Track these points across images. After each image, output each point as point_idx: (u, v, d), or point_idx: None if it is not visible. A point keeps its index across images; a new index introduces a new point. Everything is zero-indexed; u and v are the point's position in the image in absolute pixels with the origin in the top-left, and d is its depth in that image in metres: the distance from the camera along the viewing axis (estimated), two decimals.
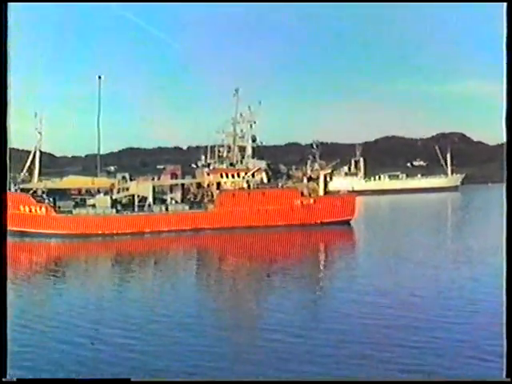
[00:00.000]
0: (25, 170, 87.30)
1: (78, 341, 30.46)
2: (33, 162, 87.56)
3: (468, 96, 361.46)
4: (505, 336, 11.52)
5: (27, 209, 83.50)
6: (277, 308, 37.48)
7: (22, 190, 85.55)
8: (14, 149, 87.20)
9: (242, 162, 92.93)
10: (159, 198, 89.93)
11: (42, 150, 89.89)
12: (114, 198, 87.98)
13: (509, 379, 12.59)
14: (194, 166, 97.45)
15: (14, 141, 74.01)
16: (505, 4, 15.77)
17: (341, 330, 31.48)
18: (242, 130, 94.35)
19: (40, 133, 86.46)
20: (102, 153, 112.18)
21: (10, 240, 59.68)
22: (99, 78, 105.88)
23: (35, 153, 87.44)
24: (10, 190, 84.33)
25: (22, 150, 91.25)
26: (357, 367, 25.39)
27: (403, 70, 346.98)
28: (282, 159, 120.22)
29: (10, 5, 16.83)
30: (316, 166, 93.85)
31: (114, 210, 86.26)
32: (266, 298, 42.26)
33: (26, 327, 32.42)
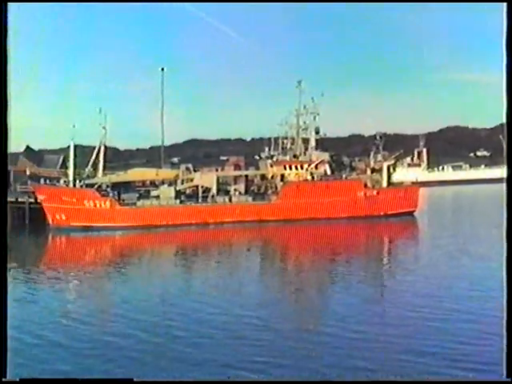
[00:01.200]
0: (89, 166, 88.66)
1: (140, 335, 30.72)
2: (97, 156, 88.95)
3: None
4: (505, 336, 11.60)
5: (92, 203, 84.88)
6: (339, 301, 37.61)
7: (87, 185, 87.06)
8: (79, 145, 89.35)
9: (305, 154, 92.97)
10: (223, 189, 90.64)
11: (107, 144, 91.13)
12: (177, 189, 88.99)
13: (509, 379, 12.71)
14: (257, 157, 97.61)
15: (79, 137, 75.85)
16: (505, 4, 15.73)
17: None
18: (305, 122, 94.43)
19: (104, 128, 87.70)
20: (165, 144, 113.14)
21: (76, 235, 61.13)
22: (162, 70, 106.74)
23: (100, 148, 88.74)
24: (74, 186, 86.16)
25: (88, 146, 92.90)
26: None
27: (464, 59, 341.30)
28: (346, 151, 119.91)
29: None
30: (379, 157, 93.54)
31: (178, 201, 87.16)
32: (328, 292, 42.25)
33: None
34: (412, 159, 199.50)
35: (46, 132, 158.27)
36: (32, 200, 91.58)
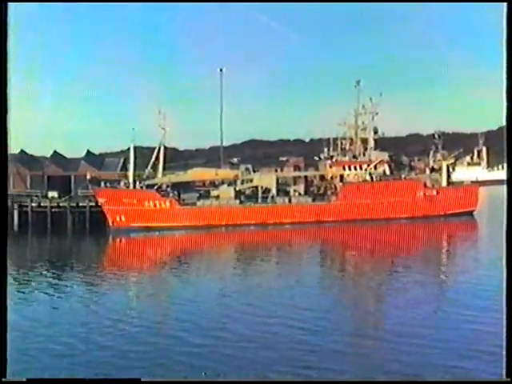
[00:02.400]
0: (149, 167, 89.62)
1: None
2: (157, 157, 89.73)
3: None
4: (505, 336, 11.45)
5: (152, 204, 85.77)
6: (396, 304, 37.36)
7: (148, 186, 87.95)
8: (139, 147, 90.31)
9: (364, 154, 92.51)
10: (282, 190, 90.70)
11: (166, 145, 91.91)
12: (237, 189, 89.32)
13: (509, 379, 12.54)
14: (316, 158, 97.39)
15: (139, 139, 76.56)
16: (505, 4, 15.49)
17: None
18: (363, 122, 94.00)
19: (164, 129, 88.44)
20: (224, 145, 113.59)
21: (136, 235, 61.80)
22: (221, 70, 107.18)
23: (159, 148, 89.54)
24: (135, 187, 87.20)
25: (147, 148, 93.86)
26: None
27: None
28: (404, 150, 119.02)
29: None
30: (438, 156, 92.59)
31: (238, 201, 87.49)
32: (389, 293, 41.95)
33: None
34: (472, 158, 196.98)
35: (106, 135, 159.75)
36: (92, 204, 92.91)
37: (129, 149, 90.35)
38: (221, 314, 34.52)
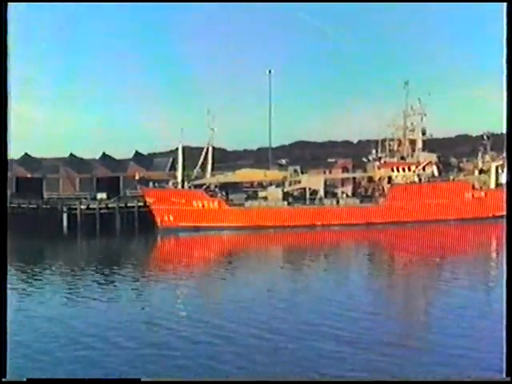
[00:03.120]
0: (198, 167, 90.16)
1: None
2: (206, 157, 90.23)
3: None
4: (505, 336, 11.29)
5: (200, 204, 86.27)
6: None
7: (196, 186, 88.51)
8: (187, 147, 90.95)
9: (412, 156, 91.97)
10: (330, 192, 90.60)
11: (215, 145, 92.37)
12: (285, 190, 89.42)
13: (508, 379, 12.40)
14: (364, 159, 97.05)
15: (188, 139, 77.22)
16: (505, 4, 15.28)
17: None
18: (412, 123, 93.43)
19: (212, 129, 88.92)
20: (272, 146, 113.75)
21: (185, 235, 62.15)
22: (269, 72, 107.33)
23: (208, 149, 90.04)
24: (183, 187, 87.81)
25: (196, 148, 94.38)
26: None
27: None
28: (453, 151, 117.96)
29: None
30: (487, 157, 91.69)
31: (286, 203, 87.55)
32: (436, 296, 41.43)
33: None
34: None
35: (155, 136, 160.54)
36: (141, 204, 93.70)
37: (177, 149, 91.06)
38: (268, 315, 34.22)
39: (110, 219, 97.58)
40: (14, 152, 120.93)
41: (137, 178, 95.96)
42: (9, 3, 13.11)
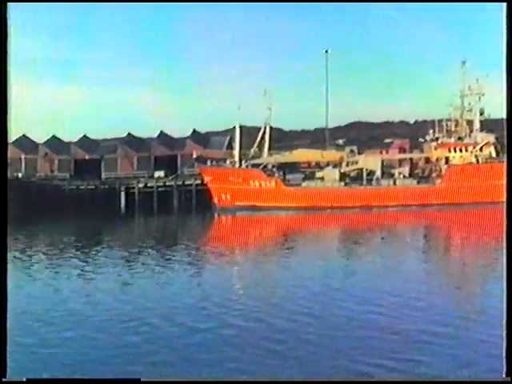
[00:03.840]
0: (255, 146, 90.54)
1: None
2: (263, 137, 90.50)
3: None
4: (505, 336, 11.35)
5: (257, 183, 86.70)
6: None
7: (253, 165, 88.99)
8: (244, 126, 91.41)
9: (470, 136, 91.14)
10: (387, 172, 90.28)
11: (272, 125, 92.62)
12: (342, 171, 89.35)
13: (508, 379, 12.44)
14: (421, 140, 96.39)
15: (243, 119, 77.67)
16: (505, 4, 15.12)
17: None
18: (469, 103, 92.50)
19: (270, 109, 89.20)
20: (329, 126, 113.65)
21: (241, 214, 62.29)
22: (326, 52, 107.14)
23: (265, 128, 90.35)
24: (240, 166, 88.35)
25: (253, 127, 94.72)
26: None
27: None
28: None
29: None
30: None
31: (343, 183, 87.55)
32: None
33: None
34: None
35: (211, 114, 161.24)
36: (198, 182, 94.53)
37: (234, 128, 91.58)
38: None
39: (167, 197, 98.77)
40: (71, 134, 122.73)
41: (194, 156, 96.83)
42: (8, 3, 13.33)
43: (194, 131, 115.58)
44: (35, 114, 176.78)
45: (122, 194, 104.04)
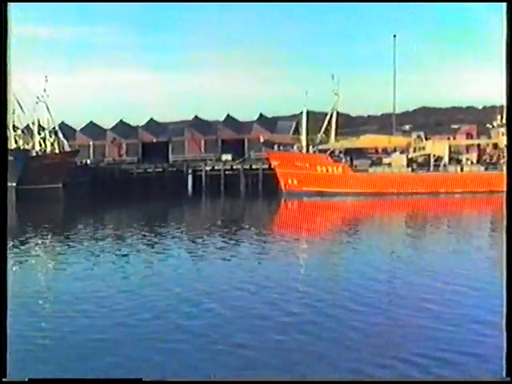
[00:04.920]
0: (322, 131, 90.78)
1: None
2: (330, 122, 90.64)
3: None
4: (505, 336, 11.51)
5: (324, 169, 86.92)
6: None
7: (320, 150, 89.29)
8: (311, 111, 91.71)
9: None
10: (454, 158, 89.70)
11: (339, 110, 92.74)
12: (409, 157, 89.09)
13: (508, 379, 12.54)
14: (489, 125, 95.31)
15: (312, 103, 77.65)
16: (505, 4, 15.10)
17: None
18: None
19: (337, 94, 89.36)
20: (396, 112, 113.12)
21: (308, 199, 62.35)
22: (394, 36, 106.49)
23: (332, 114, 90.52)
24: (307, 151, 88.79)
25: (320, 113, 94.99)
26: None
27: None
28: None
29: None
30: None
31: (410, 169, 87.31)
32: None
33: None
34: None
35: (278, 99, 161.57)
36: (265, 166, 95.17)
37: (301, 113, 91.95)
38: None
39: (234, 181, 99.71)
40: (138, 118, 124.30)
41: (261, 140, 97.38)
42: (9, 3, 13.83)
43: (261, 115, 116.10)
44: (104, 100, 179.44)
45: (190, 176, 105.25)
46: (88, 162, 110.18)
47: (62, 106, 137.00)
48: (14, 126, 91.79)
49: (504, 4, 14.67)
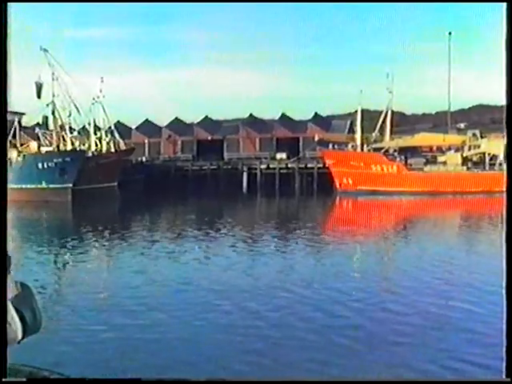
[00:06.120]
0: (376, 130, 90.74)
1: None
2: (384, 121, 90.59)
3: None
4: (505, 336, 11.60)
5: (379, 168, 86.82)
6: None
7: (375, 149, 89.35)
8: (366, 110, 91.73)
9: None
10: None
11: (394, 108, 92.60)
12: (464, 155, 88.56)
13: (509, 379, 12.53)
14: None
15: (366, 102, 77.73)
16: (505, 4, 15.12)
17: None
18: None
19: (391, 92, 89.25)
20: (452, 109, 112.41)
21: (363, 198, 62.40)
22: (449, 34, 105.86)
23: (386, 112, 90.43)
24: (362, 150, 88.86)
25: (374, 111, 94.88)
26: None
27: None
28: None
29: None
30: None
31: (465, 168, 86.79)
32: None
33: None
34: None
35: (334, 97, 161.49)
36: (320, 165, 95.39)
37: (356, 111, 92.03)
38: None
39: (288, 180, 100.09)
40: (194, 115, 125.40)
41: (316, 139, 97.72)
42: (9, 3, 14.04)
43: (316, 114, 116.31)
44: (159, 97, 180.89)
45: (245, 174, 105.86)
46: (143, 159, 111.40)
47: (117, 105, 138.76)
48: (70, 128, 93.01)
49: (504, 4, 14.98)
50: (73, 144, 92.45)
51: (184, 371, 16.28)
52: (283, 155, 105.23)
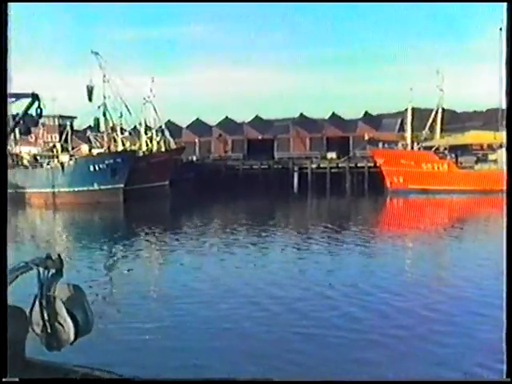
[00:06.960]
0: (427, 128, 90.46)
1: None
2: (435, 119, 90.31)
3: None
4: (504, 336, 11.76)
5: (429, 166, 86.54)
6: None
7: (425, 147, 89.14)
8: (416, 108, 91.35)
9: None
10: None
11: (444, 106, 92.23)
12: None
13: (509, 379, 12.71)
14: None
15: (417, 100, 77.39)
16: (505, 4, 15.25)
17: None
18: None
19: (442, 90, 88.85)
20: (502, 107, 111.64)
21: (414, 197, 61.96)
22: (500, 30, 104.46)
23: (437, 110, 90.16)
24: (412, 148, 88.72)
25: (425, 109, 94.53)
26: None
27: None
28: None
29: None
30: None
31: None
32: None
33: None
34: None
35: (384, 96, 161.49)
36: (371, 164, 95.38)
37: (406, 110, 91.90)
38: None
39: (339, 179, 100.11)
40: (244, 115, 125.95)
41: (366, 138, 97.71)
42: (9, 3, 14.54)
43: (366, 113, 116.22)
44: (210, 96, 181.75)
45: (295, 174, 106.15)
46: (194, 158, 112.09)
47: (168, 104, 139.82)
48: (121, 129, 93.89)
49: (504, 4, 15.25)
50: (124, 145, 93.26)
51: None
52: (333, 154, 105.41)
